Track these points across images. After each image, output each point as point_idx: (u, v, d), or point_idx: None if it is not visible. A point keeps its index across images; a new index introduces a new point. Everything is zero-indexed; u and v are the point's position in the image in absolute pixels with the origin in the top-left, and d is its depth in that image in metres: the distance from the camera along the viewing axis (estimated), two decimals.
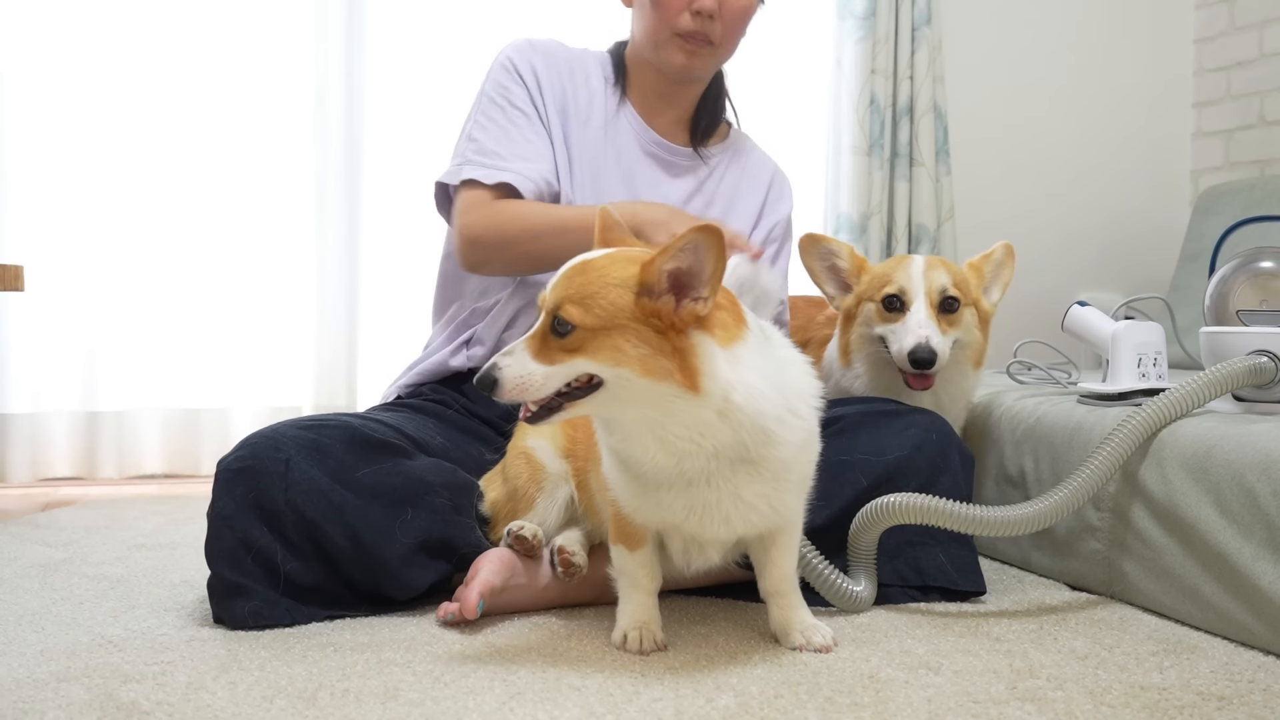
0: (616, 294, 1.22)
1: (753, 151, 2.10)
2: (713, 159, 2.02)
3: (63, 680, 1.24)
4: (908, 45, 3.28)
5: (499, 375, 1.22)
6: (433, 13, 3.13)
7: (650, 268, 1.22)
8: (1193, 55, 3.71)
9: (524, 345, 1.24)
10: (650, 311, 1.21)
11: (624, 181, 1.93)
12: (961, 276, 1.88)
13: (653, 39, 1.87)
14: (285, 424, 1.59)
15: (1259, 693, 1.26)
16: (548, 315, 1.24)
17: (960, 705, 1.20)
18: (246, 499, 1.47)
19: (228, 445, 3.00)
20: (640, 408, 1.24)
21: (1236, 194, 3.15)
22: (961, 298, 1.84)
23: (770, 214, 2.05)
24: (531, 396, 1.23)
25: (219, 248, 3.04)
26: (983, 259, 1.92)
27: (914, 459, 1.65)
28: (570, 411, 1.25)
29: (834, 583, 1.55)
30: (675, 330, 1.21)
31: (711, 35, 1.85)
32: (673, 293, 1.22)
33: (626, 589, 1.43)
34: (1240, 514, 1.46)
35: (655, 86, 1.97)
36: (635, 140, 1.96)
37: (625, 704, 1.19)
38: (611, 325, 1.21)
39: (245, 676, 1.26)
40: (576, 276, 1.25)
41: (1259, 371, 1.60)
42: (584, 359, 1.22)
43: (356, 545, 1.50)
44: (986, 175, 3.54)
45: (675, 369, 1.21)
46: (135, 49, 2.97)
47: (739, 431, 1.25)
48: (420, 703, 1.18)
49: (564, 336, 1.22)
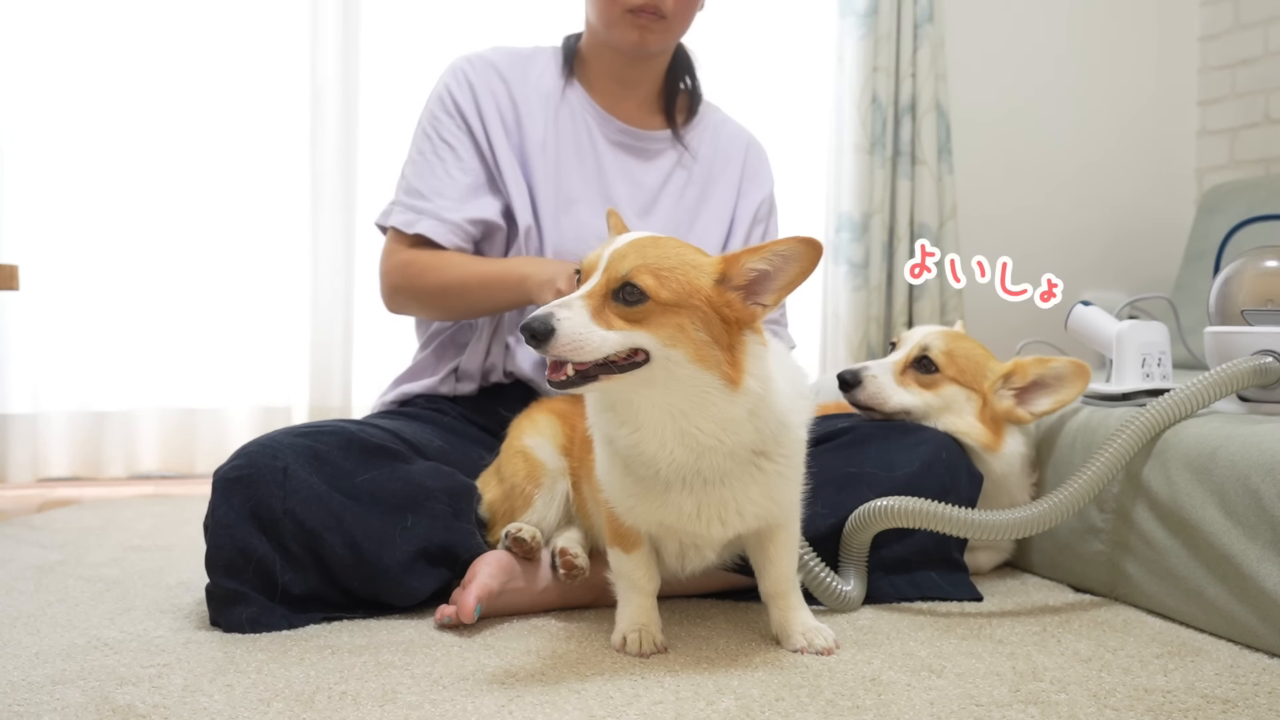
0: (695, 275, 1.21)
1: (725, 124, 2.07)
2: (688, 137, 2.00)
3: (58, 683, 1.24)
4: (910, 43, 3.26)
5: (557, 326, 1.15)
6: (427, 13, 3.12)
7: (736, 262, 1.23)
8: (1197, 53, 3.70)
9: (582, 302, 1.19)
10: (725, 301, 1.22)
11: (593, 176, 1.91)
12: (961, 356, 1.78)
13: (604, 18, 1.85)
14: (282, 432, 1.57)
15: (1264, 695, 1.25)
16: (614, 280, 1.20)
17: (963, 708, 1.19)
18: (245, 508, 1.45)
19: (223, 445, 3.02)
20: (673, 394, 1.22)
21: (1241, 193, 3.14)
22: (946, 370, 1.78)
23: (749, 191, 2.02)
24: (581, 358, 1.17)
25: (215, 248, 3.04)
26: (1037, 363, 1.77)
27: (923, 476, 1.63)
28: (603, 385, 1.20)
29: (824, 581, 1.55)
30: (737, 325, 1.22)
31: (663, 8, 1.82)
32: (744, 290, 1.23)
33: (625, 591, 1.42)
34: (1245, 515, 1.45)
35: (613, 70, 1.94)
36: (599, 131, 1.94)
37: (625, 707, 1.18)
38: (683, 304, 1.20)
39: (242, 679, 1.25)
40: (651, 249, 1.22)
41: (1264, 372, 1.59)
42: (644, 332, 1.19)
43: (356, 554, 1.49)
44: (989, 174, 3.52)
45: (724, 361, 1.21)
46: (132, 50, 2.96)
47: (763, 428, 1.27)
48: (418, 705, 1.17)
49: (631, 305, 1.19)
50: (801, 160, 3.34)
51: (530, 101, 1.92)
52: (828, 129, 3.32)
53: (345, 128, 3.05)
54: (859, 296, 3.25)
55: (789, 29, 3.34)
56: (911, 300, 3.29)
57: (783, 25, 3.34)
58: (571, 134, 1.92)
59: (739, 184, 2.02)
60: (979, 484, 1.72)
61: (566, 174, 1.90)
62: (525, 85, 1.93)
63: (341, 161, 3.05)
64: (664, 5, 1.81)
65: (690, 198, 1.97)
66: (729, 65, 3.20)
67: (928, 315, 3.26)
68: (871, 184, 3.25)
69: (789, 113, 3.33)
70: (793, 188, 3.29)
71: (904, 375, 1.80)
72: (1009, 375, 1.78)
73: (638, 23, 1.83)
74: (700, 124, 2.03)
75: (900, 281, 3.28)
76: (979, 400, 1.78)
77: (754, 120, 2.15)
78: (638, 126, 1.97)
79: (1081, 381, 1.75)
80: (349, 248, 3.07)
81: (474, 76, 1.91)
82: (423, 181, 1.86)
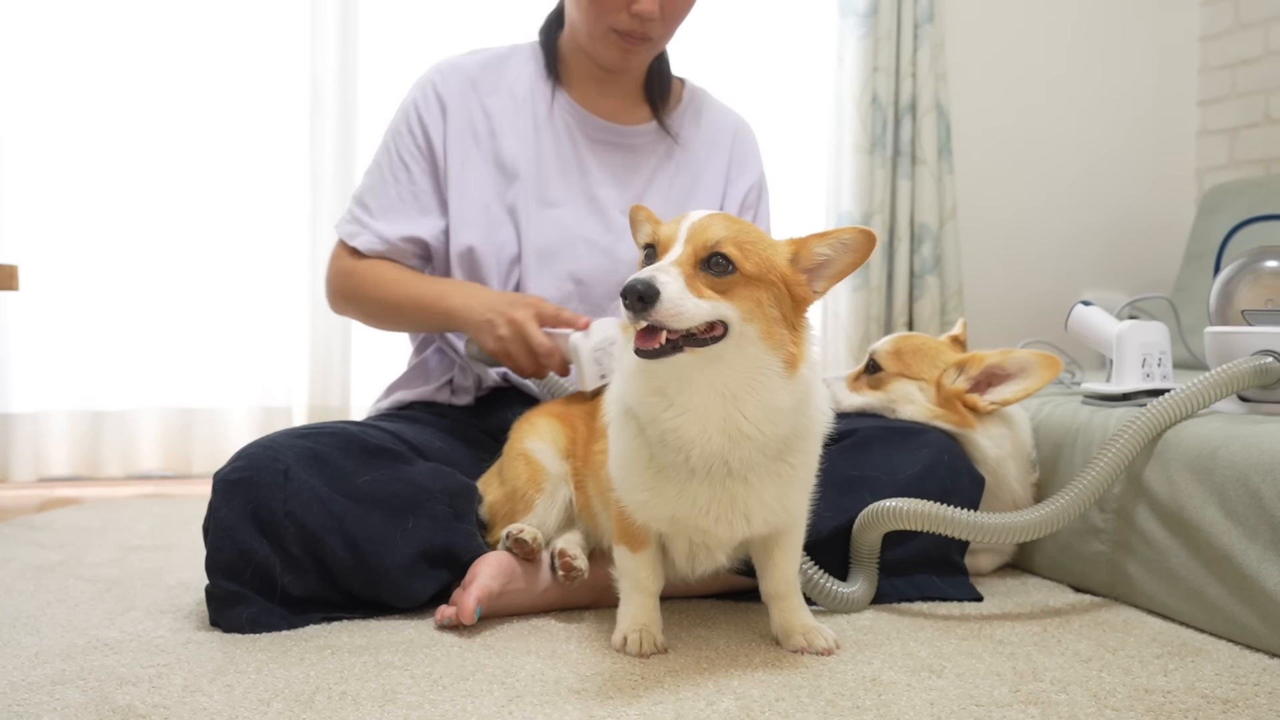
0: (772, 251, 1.24)
1: (712, 109, 2.04)
2: (673, 124, 1.97)
3: (58, 683, 1.24)
4: (910, 43, 3.26)
5: (663, 290, 1.13)
6: (426, 11, 3.12)
7: (805, 245, 1.26)
8: (1198, 53, 3.70)
9: (677, 269, 1.17)
10: (797, 280, 1.24)
11: (576, 178, 1.89)
12: (908, 352, 1.86)
13: (587, 31, 1.82)
14: (282, 433, 1.57)
15: (1264, 695, 1.25)
16: (703, 249, 1.19)
17: (963, 708, 1.19)
18: (245, 510, 1.45)
19: (223, 445, 3.02)
20: (734, 374, 1.22)
21: (1241, 193, 3.13)
22: (890, 368, 1.86)
23: (738, 178, 2.00)
24: (679, 324, 1.15)
25: (214, 248, 3.04)
26: (999, 353, 1.81)
27: (925, 479, 1.63)
28: (685, 358, 1.19)
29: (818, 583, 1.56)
30: (803, 305, 1.25)
31: (651, 33, 1.79)
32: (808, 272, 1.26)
33: (628, 590, 1.42)
34: (1245, 515, 1.45)
35: (592, 72, 1.92)
36: (580, 131, 1.91)
37: (625, 707, 1.18)
38: (762, 278, 1.21)
39: (242, 679, 1.25)
40: (732, 222, 1.23)
41: (1264, 372, 1.59)
42: (729, 303, 1.19)
43: (357, 556, 1.49)
44: (989, 174, 3.52)
45: (789, 340, 1.23)
46: (132, 50, 2.96)
47: (799, 421, 1.28)
48: (418, 705, 1.17)
49: (721, 276, 1.19)
50: (802, 160, 3.34)
51: (505, 108, 1.90)
52: (828, 129, 3.32)
53: (344, 127, 3.06)
54: (859, 296, 3.25)
55: (789, 29, 3.34)
56: (912, 300, 3.29)
57: (783, 25, 3.34)
58: (552, 137, 1.90)
59: (727, 170, 1.99)
60: (981, 487, 1.73)
61: (547, 177, 1.88)
62: (500, 91, 1.90)
63: (340, 161, 3.06)
64: (652, 29, 1.78)
65: (679, 188, 1.95)
66: (730, 65, 3.20)
67: (928, 315, 3.25)
68: (872, 184, 3.25)
69: (789, 112, 3.33)
70: (793, 187, 3.30)
71: (857, 382, 1.89)
72: (963, 364, 1.83)
73: (623, 45, 1.80)
74: (686, 108, 1.99)
75: (900, 281, 3.28)
76: (932, 388, 1.83)
77: (755, 120, 2.14)
78: (622, 122, 1.94)
79: (1049, 372, 1.78)
80: None
81: (443, 89, 1.89)
82: (373, 197, 1.89)
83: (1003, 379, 1.81)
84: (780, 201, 2.11)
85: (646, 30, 1.78)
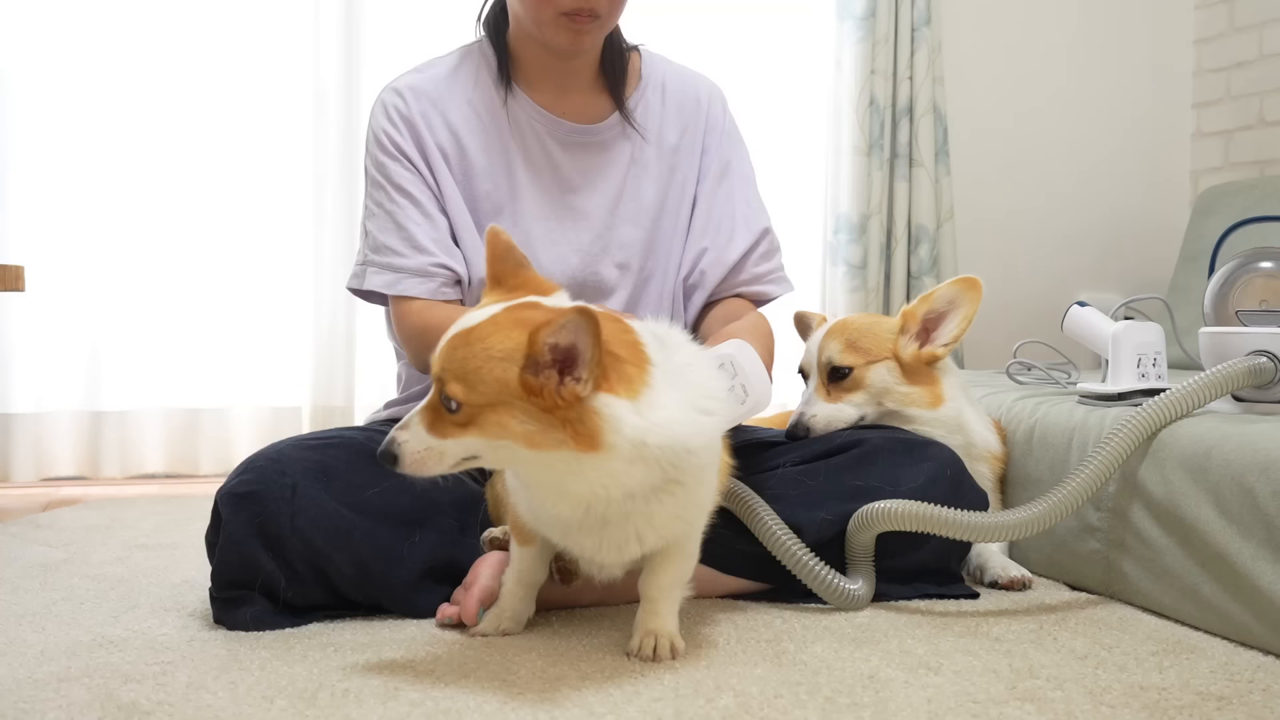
0: (500, 369, 1.16)
1: (676, 79, 1.93)
2: (636, 112, 1.86)
3: (63, 680, 1.25)
4: (907, 46, 3.27)
5: (399, 451, 1.20)
6: (429, 14, 3.12)
7: (535, 341, 1.14)
8: (1192, 56, 3.71)
9: (419, 418, 1.20)
10: (533, 389, 1.15)
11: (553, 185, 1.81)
12: (859, 337, 1.82)
13: (535, 18, 1.72)
14: (289, 443, 1.57)
15: (1258, 693, 1.26)
16: (437, 387, 1.20)
17: (960, 705, 1.20)
18: (252, 525, 1.45)
19: (226, 445, 3.03)
20: (537, 470, 1.23)
21: (1236, 195, 3.15)
22: (854, 362, 1.80)
23: (714, 147, 1.91)
24: (431, 471, 1.21)
25: (218, 249, 3.05)
26: (922, 301, 1.83)
27: (927, 492, 1.62)
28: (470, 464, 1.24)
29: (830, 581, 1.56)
30: (559, 408, 1.15)
31: (597, 9, 1.70)
32: (557, 367, 1.15)
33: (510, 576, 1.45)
34: (1240, 514, 1.46)
35: (546, 64, 1.81)
36: (549, 137, 1.81)
37: (625, 704, 1.19)
38: (497, 401, 1.16)
39: (245, 677, 1.26)
40: (459, 349, 1.19)
41: (1258, 372, 1.60)
42: (474, 435, 1.19)
43: (363, 573, 1.50)
44: (986, 176, 3.54)
45: (569, 438, 1.16)
46: (136, 49, 2.97)
47: (655, 467, 1.21)
48: (420, 703, 1.18)
49: (453, 413, 1.18)
50: (800, 162, 3.35)
51: (469, 120, 1.79)
52: (826, 131, 3.33)
53: (348, 128, 3.06)
54: (857, 297, 3.26)
55: (787, 32, 3.35)
56: (909, 301, 3.30)
57: (781, 29, 3.35)
58: (521, 148, 1.80)
59: (701, 142, 1.91)
60: (984, 501, 1.72)
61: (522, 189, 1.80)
62: (457, 101, 1.79)
63: (344, 162, 3.06)
64: (599, 6, 1.70)
65: (656, 173, 1.87)
66: (728, 68, 3.20)
67: None
68: (869, 186, 3.26)
69: (787, 115, 3.34)
70: (791, 189, 3.30)
71: (831, 395, 1.82)
72: (903, 326, 1.83)
73: (572, 26, 1.71)
74: (646, 84, 1.89)
75: (898, 282, 3.29)
76: (895, 364, 1.82)
77: (753, 121, 2.14)
78: (587, 121, 1.84)
79: (974, 293, 1.80)
80: (351, 248, 3.07)
81: (406, 109, 1.77)
82: (391, 238, 1.73)
83: (939, 320, 1.83)
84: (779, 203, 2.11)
85: (593, 7, 1.70)
